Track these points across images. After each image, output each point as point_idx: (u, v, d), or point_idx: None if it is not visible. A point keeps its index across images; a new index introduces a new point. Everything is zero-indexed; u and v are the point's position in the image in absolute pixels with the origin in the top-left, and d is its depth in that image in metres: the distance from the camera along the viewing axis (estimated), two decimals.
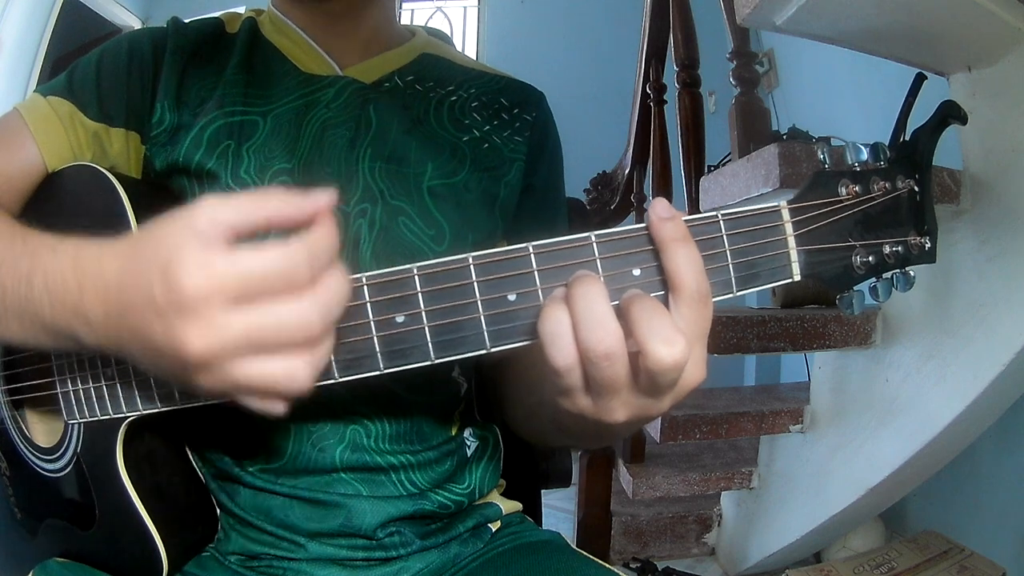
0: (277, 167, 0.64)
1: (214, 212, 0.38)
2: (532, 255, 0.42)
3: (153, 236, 0.40)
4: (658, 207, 0.41)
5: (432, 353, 0.43)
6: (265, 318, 0.37)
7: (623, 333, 0.39)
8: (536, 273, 0.42)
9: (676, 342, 0.38)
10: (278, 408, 0.41)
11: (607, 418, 0.42)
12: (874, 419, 1.51)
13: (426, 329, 0.43)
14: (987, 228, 1.25)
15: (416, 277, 0.43)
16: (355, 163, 0.65)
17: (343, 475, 0.63)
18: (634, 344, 0.39)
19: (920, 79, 0.45)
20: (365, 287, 0.43)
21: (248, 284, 0.37)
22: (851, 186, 0.43)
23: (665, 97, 2.07)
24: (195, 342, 0.37)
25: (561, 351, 0.40)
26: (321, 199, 0.40)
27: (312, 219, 0.40)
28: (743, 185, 1.32)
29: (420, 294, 0.43)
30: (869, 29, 1.22)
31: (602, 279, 0.42)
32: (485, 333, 0.43)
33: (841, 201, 0.43)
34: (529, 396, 0.61)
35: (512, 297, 0.42)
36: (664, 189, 1.94)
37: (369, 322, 0.43)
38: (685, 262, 0.40)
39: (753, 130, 1.69)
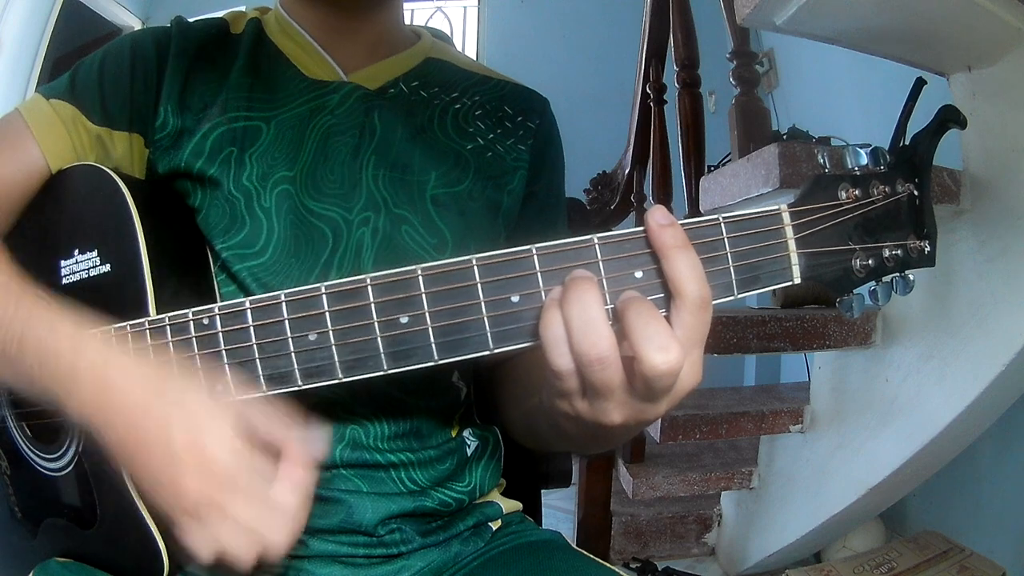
0: (279, 174, 0.64)
1: (243, 410, 0.47)
2: (535, 257, 0.42)
3: (179, 387, 0.47)
4: (656, 214, 0.41)
5: (436, 354, 0.44)
6: (257, 523, 0.44)
7: (618, 338, 0.39)
8: (539, 275, 0.42)
9: (671, 348, 0.38)
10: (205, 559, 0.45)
11: (603, 420, 0.43)
12: (874, 419, 1.51)
13: (430, 330, 0.43)
14: (987, 228, 1.25)
15: (420, 278, 0.43)
16: (359, 171, 0.65)
17: (343, 472, 0.63)
18: (629, 348, 0.39)
19: (920, 84, 0.45)
20: (369, 288, 0.44)
21: (252, 496, 0.44)
22: (851, 190, 0.43)
23: (665, 97, 2.07)
24: (192, 491, 0.44)
25: (562, 356, 0.40)
26: (316, 451, 0.48)
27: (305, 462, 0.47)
28: (743, 185, 1.32)
29: (424, 295, 0.43)
30: (869, 29, 1.22)
31: (603, 281, 0.42)
32: (488, 334, 0.43)
33: (841, 205, 0.43)
34: (527, 399, 0.61)
35: (516, 299, 0.43)
36: (664, 189, 1.94)
37: (373, 323, 0.44)
38: (686, 269, 0.40)
39: (753, 130, 1.69)
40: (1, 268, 0.55)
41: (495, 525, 0.72)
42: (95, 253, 0.58)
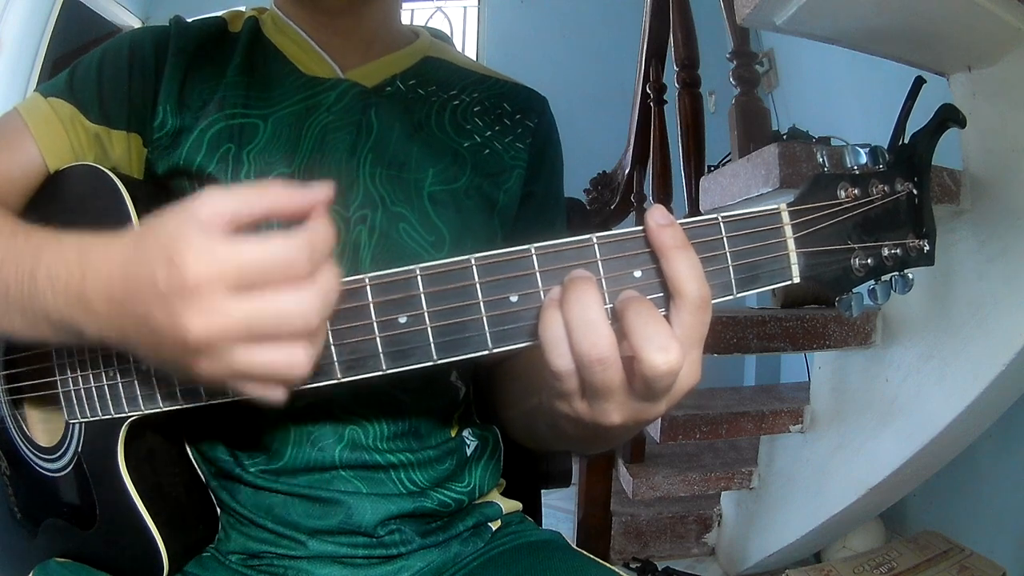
0: (277, 172, 0.64)
1: (215, 202, 0.39)
2: (534, 256, 0.42)
3: (157, 225, 0.41)
4: (656, 214, 0.41)
5: (435, 354, 0.44)
6: (266, 307, 0.38)
7: (617, 337, 0.39)
8: (538, 274, 0.42)
9: (671, 348, 0.38)
10: (277, 395, 0.41)
11: (603, 421, 0.42)
12: (874, 419, 1.51)
13: (428, 330, 0.43)
14: (987, 228, 1.25)
15: (419, 278, 0.43)
16: (356, 169, 0.65)
17: (343, 472, 0.63)
18: (629, 348, 0.39)
19: (919, 83, 0.45)
20: (368, 287, 0.44)
21: (249, 272, 0.38)
22: (850, 189, 0.43)
23: (665, 97, 2.07)
24: (196, 326, 0.38)
25: (562, 356, 0.40)
26: (319, 193, 0.41)
27: (311, 212, 0.40)
28: (743, 185, 1.32)
29: (423, 295, 0.43)
30: (869, 29, 1.22)
31: (602, 281, 0.42)
32: (487, 334, 0.43)
33: (840, 204, 0.43)
34: (526, 399, 0.61)
35: (514, 298, 0.43)
36: (664, 189, 1.94)
37: (372, 323, 0.44)
38: (686, 269, 0.40)
39: (753, 130, 1.69)
40: (6, 218, 0.54)
41: (495, 525, 0.71)
42: None
